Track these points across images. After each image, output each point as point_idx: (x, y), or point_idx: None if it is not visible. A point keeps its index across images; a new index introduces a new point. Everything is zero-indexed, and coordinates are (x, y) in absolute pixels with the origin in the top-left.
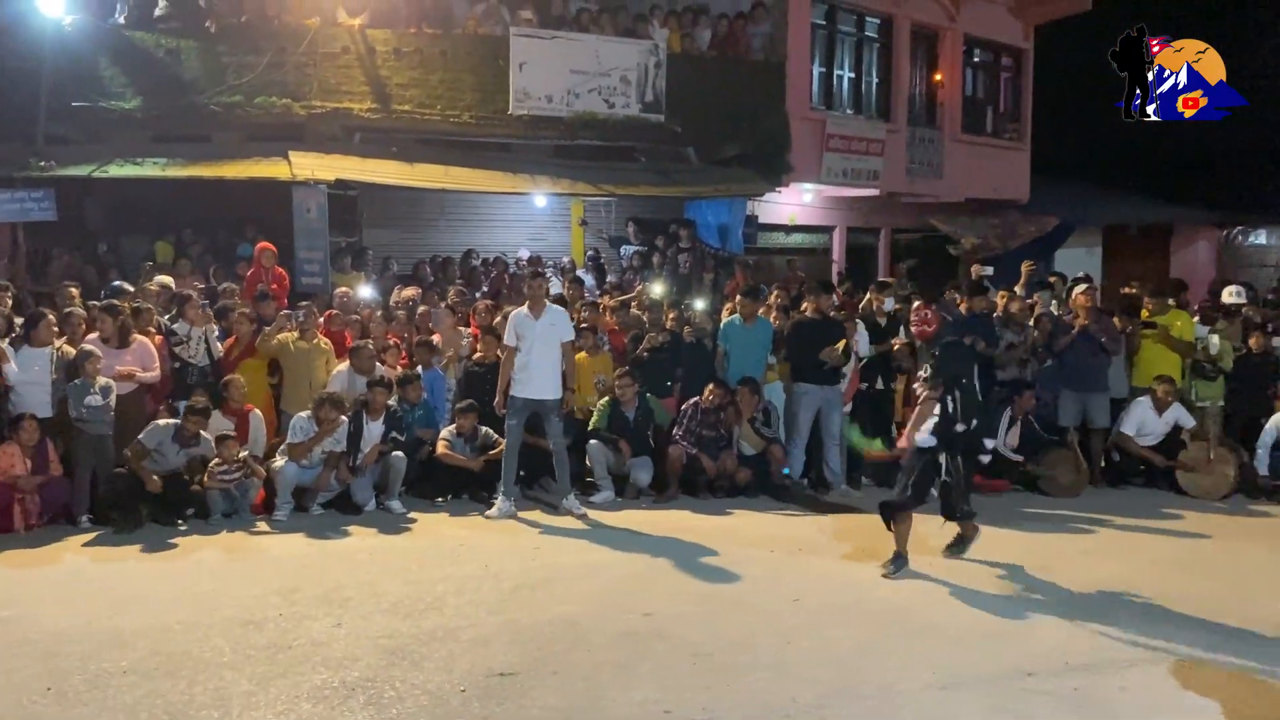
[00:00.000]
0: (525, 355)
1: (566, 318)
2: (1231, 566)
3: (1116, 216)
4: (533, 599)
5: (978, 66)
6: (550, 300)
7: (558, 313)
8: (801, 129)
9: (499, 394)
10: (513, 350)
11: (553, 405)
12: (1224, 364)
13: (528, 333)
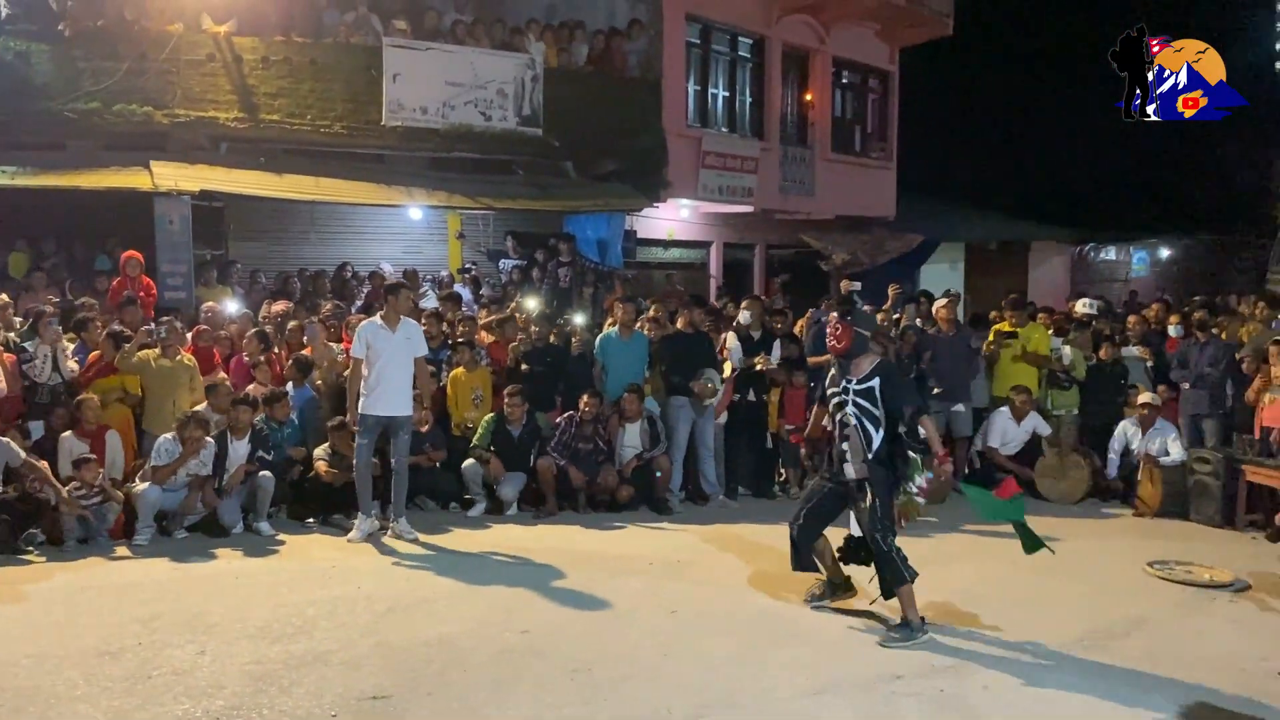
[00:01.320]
0: (378, 369)
1: (421, 332)
2: (1086, 566)
3: (977, 234)
4: (407, 620)
5: (846, 88)
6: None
7: (413, 326)
8: (678, 146)
9: (349, 409)
10: (360, 363)
11: (403, 422)
12: (1077, 374)
13: (382, 345)
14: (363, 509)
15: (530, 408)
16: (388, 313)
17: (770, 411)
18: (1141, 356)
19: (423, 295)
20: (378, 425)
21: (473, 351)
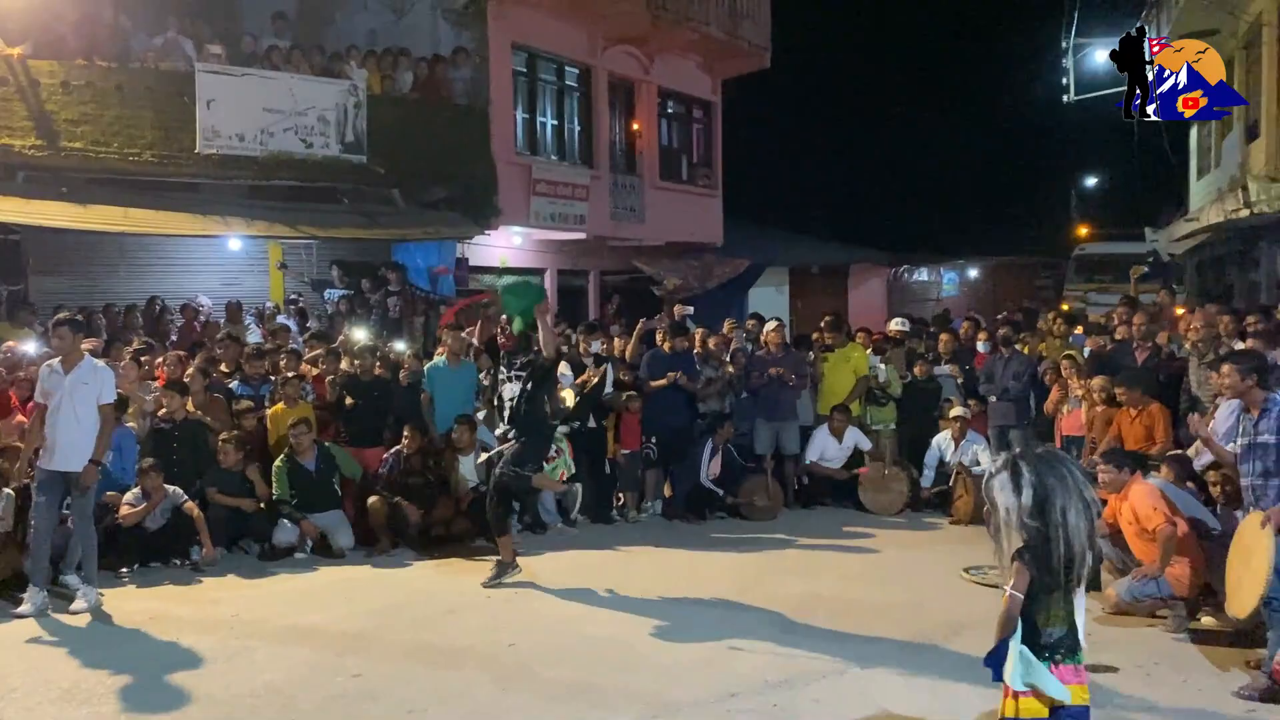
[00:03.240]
0: (52, 416)
1: (109, 376)
2: (907, 576)
3: (801, 258)
4: (231, 670)
5: (672, 117)
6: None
7: (95, 369)
8: (508, 173)
9: (21, 460)
10: (43, 409)
11: (73, 479)
12: (893, 390)
13: (53, 389)
14: (33, 578)
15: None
16: (62, 351)
17: (608, 437)
18: (952, 374)
19: (246, 329)
20: (53, 481)
21: (300, 386)
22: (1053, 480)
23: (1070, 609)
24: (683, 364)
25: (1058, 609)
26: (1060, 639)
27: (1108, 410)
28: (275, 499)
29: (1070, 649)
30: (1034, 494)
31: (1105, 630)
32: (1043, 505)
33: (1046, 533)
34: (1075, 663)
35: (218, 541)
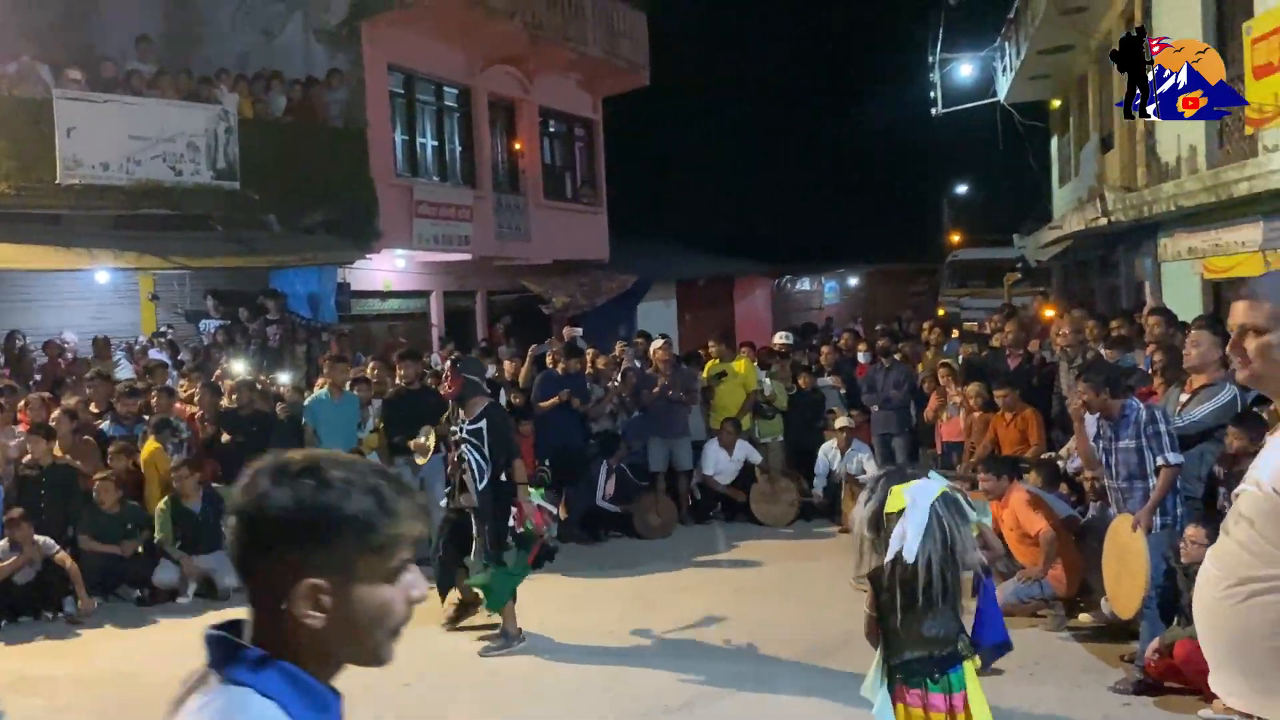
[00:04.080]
0: None
1: None
2: (800, 588)
3: (687, 271)
4: None
5: (554, 136)
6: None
7: None
8: (389, 195)
9: None
10: None
11: None
12: (779, 403)
13: None
14: None
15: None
16: None
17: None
18: (835, 385)
19: (116, 365)
20: None
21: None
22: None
23: (931, 632)
24: (574, 385)
25: (908, 631)
26: (910, 661)
27: (984, 415)
28: (157, 542)
29: (922, 673)
30: (871, 512)
31: None
32: (882, 525)
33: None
34: (924, 688)
35: (93, 589)
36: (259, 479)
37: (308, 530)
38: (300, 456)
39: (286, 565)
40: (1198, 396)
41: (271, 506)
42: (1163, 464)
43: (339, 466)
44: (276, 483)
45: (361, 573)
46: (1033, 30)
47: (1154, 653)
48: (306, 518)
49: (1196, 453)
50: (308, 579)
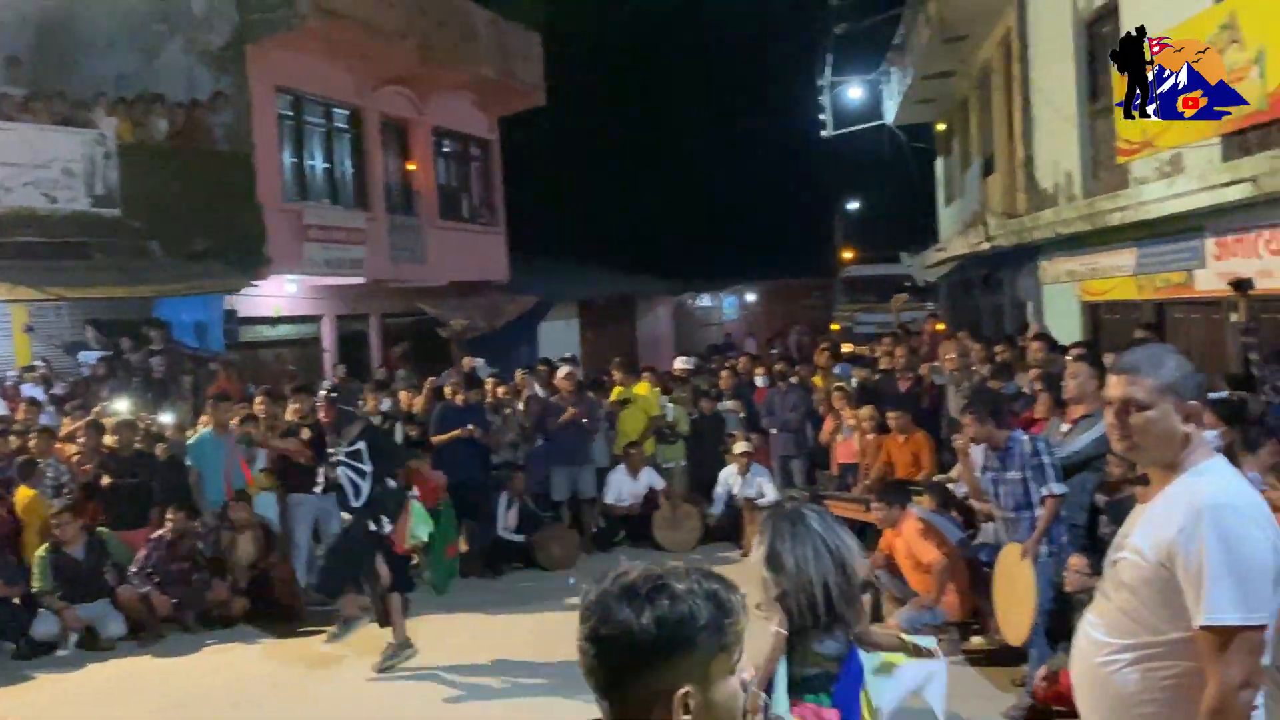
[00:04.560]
0: None
1: None
2: None
3: (588, 291)
4: None
5: (449, 156)
6: None
7: None
8: (277, 220)
9: None
10: None
11: None
12: (681, 428)
13: None
14: None
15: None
16: None
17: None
18: (735, 409)
19: None
20: None
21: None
22: (787, 538)
23: (825, 650)
24: (474, 416)
25: (805, 649)
26: (809, 678)
27: (877, 438)
28: (35, 592)
29: (817, 688)
30: (766, 552)
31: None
32: (776, 562)
33: (781, 582)
34: (819, 702)
35: None
36: (611, 605)
37: (673, 646)
38: (640, 574)
39: (657, 680)
40: (1078, 426)
41: (639, 632)
42: (1047, 494)
43: (678, 578)
44: (634, 607)
45: (715, 672)
46: (917, 56)
47: (1042, 679)
48: (670, 635)
49: (1078, 481)
50: (680, 688)
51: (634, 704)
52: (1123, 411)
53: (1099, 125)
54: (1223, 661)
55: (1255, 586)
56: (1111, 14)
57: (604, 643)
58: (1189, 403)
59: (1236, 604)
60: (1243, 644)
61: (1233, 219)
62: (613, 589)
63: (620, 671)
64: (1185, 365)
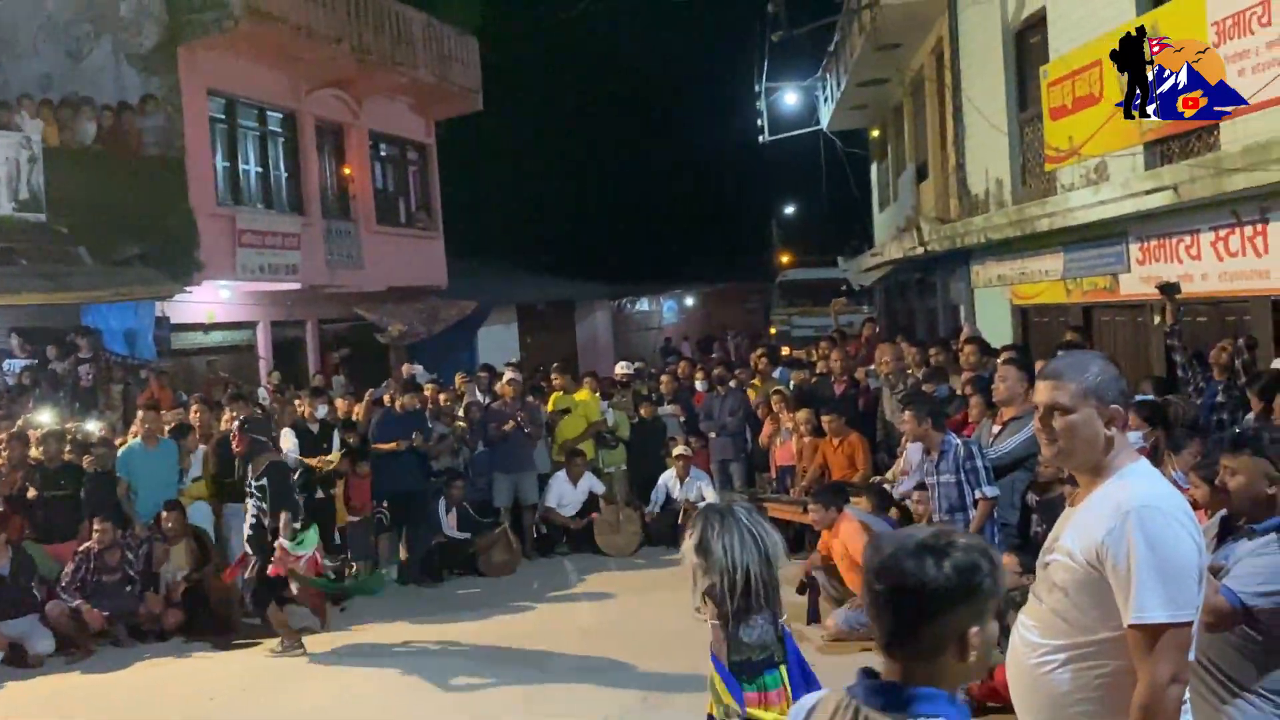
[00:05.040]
0: None
1: None
2: (646, 622)
3: (527, 295)
4: None
5: (386, 160)
6: None
7: None
8: (210, 225)
9: None
10: None
11: None
12: (622, 433)
13: None
14: None
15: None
16: None
17: (337, 505)
18: (675, 414)
19: None
20: None
21: None
22: (716, 527)
23: (750, 638)
24: (414, 423)
25: (736, 638)
26: (738, 664)
27: (814, 441)
28: None
29: (754, 673)
30: (698, 541)
31: (824, 659)
32: (705, 548)
33: (711, 567)
34: (756, 688)
35: None
36: (908, 561)
37: (966, 593)
38: (929, 535)
39: (949, 623)
40: (1008, 428)
41: (941, 581)
42: (980, 497)
43: (956, 536)
44: (933, 561)
45: (988, 614)
46: (851, 63)
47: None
48: (964, 583)
49: (1009, 482)
50: (971, 629)
51: (925, 647)
52: (1048, 416)
53: (1028, 133)
54: (1152, 659)
55: (1181, 585)
56: (1039, 25)
57: (906, 594)
58: (1111, 407)
59: (1164, 603)
60: (1171, 641)
61: (1155, 225)
62: (906, 548)
63: (918, 618)
64: (1109, 370)
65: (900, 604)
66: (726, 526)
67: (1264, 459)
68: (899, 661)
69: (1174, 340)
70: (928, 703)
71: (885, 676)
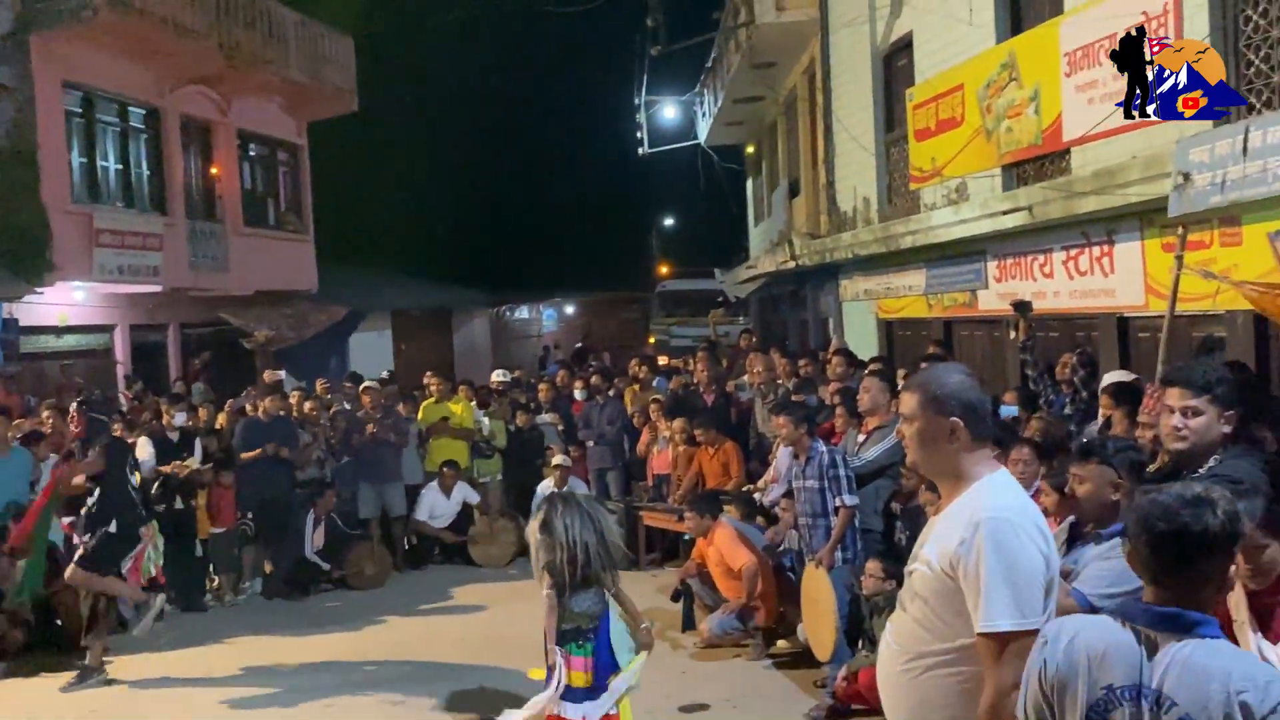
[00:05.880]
0: None
1: None
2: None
3: (402, 302)
4: None
5: (255, 160)
6: None
7: None
8: (64, 224)
9: None
10: None
11: None
12: (498, 442)
13: None
14: None
15: None
16: None
17: (200, 515)
18: (552, 422)
19: None
20: None
21: None
22: (560, 508)
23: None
24: (281, 430)
25: (568, 606)
26: (566, 631)
27: (689, 449)
28: None
29: (569, 640)
30: (541, 519)
31: (699, 666)
32: (549, 526)
33: (552, 541)
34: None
35: None
36: (1182, 511)
37: (1233, 537)
38: (1201, 488)
39: (1219, 561)
40: (872, 437)
41: (1215, 528)
42: (840, 504)
43: (1213, 489)
44: (1209, 510)
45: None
46: (728, 80)
47: (842, 679)
48: (1233, 529)
49: (873, 489)
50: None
51: (1187, 585)
52: (905, 425)
53: (894, 154)
54: (998, 665)
55: (1027, 594)
56: (907, 49)
57: (1180, 538)
58: (948, 419)
59: (1009, 611)
60: (1016, 649)
61: (1012, 244)
62: (1182, 499)
63: (1188, 559)
64: (955, 383)
65: (1183, 545)
66: (569, 508)
67: (1109, 467)
68: (1171, 592)
69: (1026, 355)
70: (1207, 626)
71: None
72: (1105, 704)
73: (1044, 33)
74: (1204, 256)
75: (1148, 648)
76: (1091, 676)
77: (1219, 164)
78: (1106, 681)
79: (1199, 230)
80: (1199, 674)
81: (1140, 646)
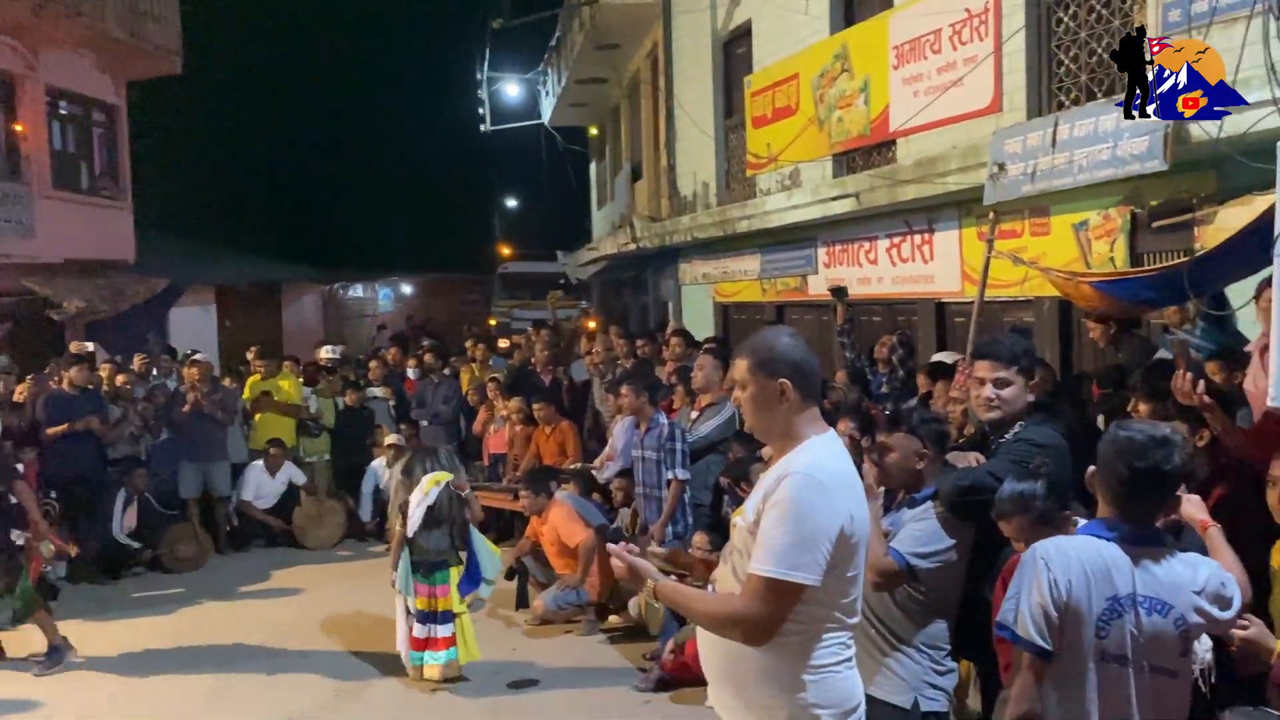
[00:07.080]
0: None
1: None
2: (345, 614)
3: (228, 275)
4: None
5: (66, 119)
6: None
7: None
8: None
9: None
10: None
11: None
12: (326, 421)
13: None
14: None
15: None
16: None
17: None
18: (384, 398)
19: None
20: None
21: None
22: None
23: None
24: (89, 403)
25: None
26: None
27: (526, 429)
28: None
29: (429, 571)
30: (405, 465)
31: (530, 643)
32: (410, 471)
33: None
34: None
35: None
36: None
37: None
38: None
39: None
40: (704, 414)
41: (1176, 467)
42: (672, 478)
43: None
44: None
45: None
46: (572, 60)
47: (670, 652)
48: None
49: (704, 464)
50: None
51: (1150, 512)
52: (739, 391)
53: (732, 140)
54: (753, 599)
55: (805, 550)
56: (746, 36)
57: (1154, 474)
58: (778, 380)
59: (782, 559)
60: (778, 593)
61: (840, 231)
62: (1153, 439)
63: (1158, 492)
64: (783, 345)
65: (1156, 480)
66: (432, 458)
67: (915, 436)
68: (1139, 518)
69: (844, 338)
70: (1171, 543)
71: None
72: (1110, 612)
73: (874, 26)
74: (1015, 245)
75: (1134, 561)
76: (1098, 589)
77: (1030, 155)
78: (1110, 593)
79: (1011, 220)
80: (1176, 579)
81: (1130, 561)
